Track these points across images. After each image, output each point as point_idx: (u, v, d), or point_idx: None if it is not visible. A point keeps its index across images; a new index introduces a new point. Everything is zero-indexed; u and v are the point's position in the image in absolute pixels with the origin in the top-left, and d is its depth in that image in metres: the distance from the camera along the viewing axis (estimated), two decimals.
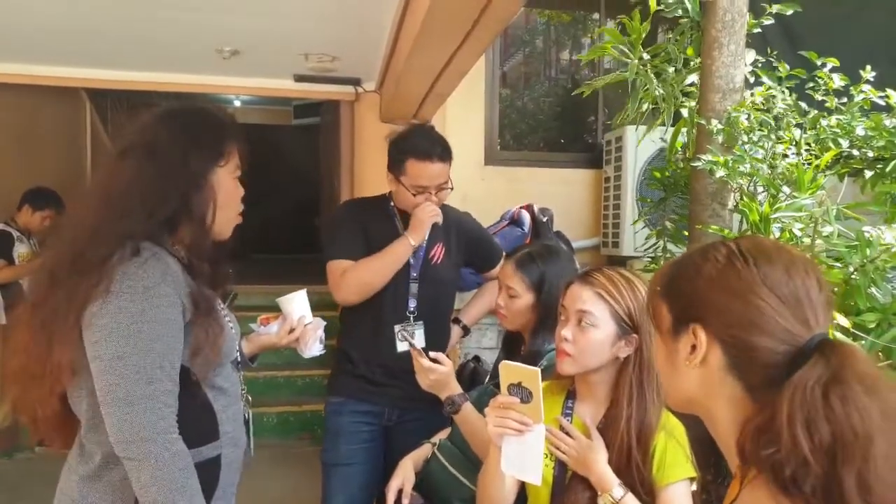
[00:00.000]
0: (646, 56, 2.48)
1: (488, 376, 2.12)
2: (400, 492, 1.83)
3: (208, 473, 1.42)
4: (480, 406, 1.76)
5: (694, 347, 0.87)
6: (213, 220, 1.44)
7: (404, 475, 1.86)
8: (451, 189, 2.33)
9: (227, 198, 1.49)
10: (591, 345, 1.48)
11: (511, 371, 1.33)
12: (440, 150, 2.25)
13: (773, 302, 0.82)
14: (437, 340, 2.36)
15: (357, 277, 2.24)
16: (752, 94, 2.38)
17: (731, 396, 0.85)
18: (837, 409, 0.73)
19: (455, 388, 1.77)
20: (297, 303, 1.82)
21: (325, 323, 1.86)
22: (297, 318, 1.80)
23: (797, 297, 0.83)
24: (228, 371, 1.54)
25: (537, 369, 1.30)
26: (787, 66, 2.42)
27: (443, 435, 1.96)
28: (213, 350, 1.41)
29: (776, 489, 0.75)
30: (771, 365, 0.82)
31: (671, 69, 2.51)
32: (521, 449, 1.35)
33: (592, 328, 1.48)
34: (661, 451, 1.45)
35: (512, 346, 2.07)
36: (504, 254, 2.41)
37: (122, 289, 1.31)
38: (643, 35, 2.41)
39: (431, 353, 1.77)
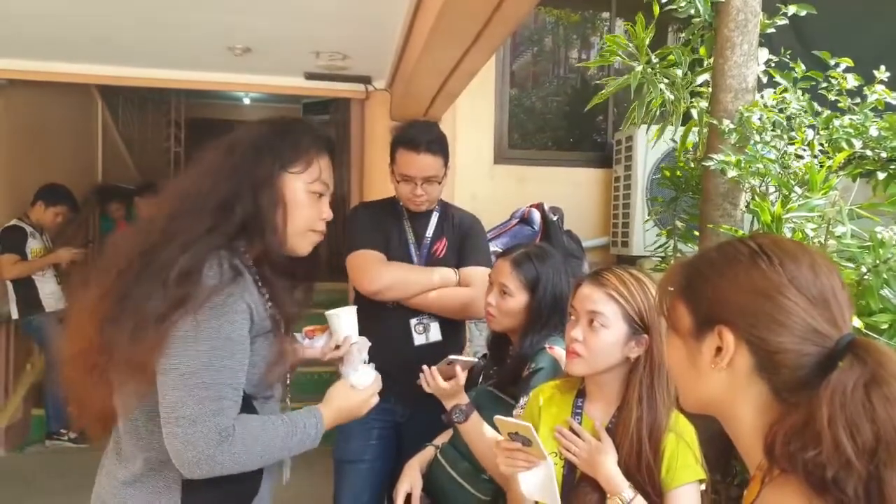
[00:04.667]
0: (654, 59, 2.48)
1: (481, 376, 2.11)
2: (409, 495, 1.83)
3: (250, 483, 1.40)
4: (476, 405, 1.77)
5: (719, 349, 0.85)
6: (285, 227, 1.39)
7: (411, 479, 1.87)
8: (440, 184, 2.34)
9: (296, 207, 1.42)
10: (602, 345, 1.48)
11: (506, 425, 1.46)
12: (428, 142, 2.28)
13: (802, 302, 0.81)
14: (451, 333, 2.39)
15: (399, 276, 2.28)
16: (762, 97, 2.37)
17: (756, 398, 0.84)
18: (880, 409, 0.73)
19: (463, 398, 1.75)
20: (345, 319, 1.73)
21: (369, 344, 1.75)
22: (344, 336, 1.71)
23: (825, 297, 0.82)
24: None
25: (529, 425, 1.42)
26: (803, 67, 2.41)
27: (445, 437, 1.95)
28: (274, 370, 1.38)
29: (809, 490, 0.75)
30: (799, 366, 0.81)
31: (679, 72, 2.50)
32: (535, 479, 1.45)
33: (603, 329, 1.48)
34: (671, 453, 1.45)
35: (499, 350, 2.06)
36: (492, 259, 2.41)
37: (202, 303, 1.26)
38: (648, 40, 2.41)
39: (451, 357, 1.74)
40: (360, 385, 1.55)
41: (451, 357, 1.74)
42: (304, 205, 1.43)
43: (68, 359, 1.37)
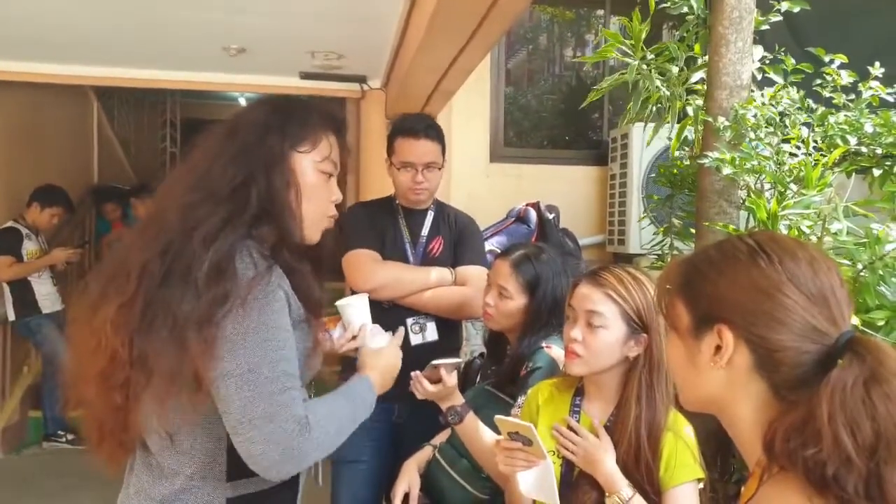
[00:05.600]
0: (649, 56, 2.47)
1: (479, 376, 2.11)
2: (407, 495, 1.83)
3: (291, 487, 1.34)
4: (474, 405, 1.77)
5: (719, 348, 0.85)
6: (300, 210, 1.32)
7: (409, 479, 1.87)
8: (439, 170, 2.36)
9: (310, 189, 1.34)
10: (600, 345, 1.48)
11: (507, 425, 1.47)
12: (427, 128, 2.32)
13: (801, 300, 0.81)
14: (448, 333, 2.39)
15: (394, 274, 2.28)
16: (762, 94, 2.37)
17: (755, 396, 0.84)
18: (880, 407, 0.73)
19: (458, 399, 1.74)
20: (358, 308, 1.68)
21: (384, 333, 1.71)
22: (359, 325, 1.65)
23: (824, 295, 0.82)
24: None
25: (530, 425, 1.42)
26: (794, 61, 2.41)
27: (443, 437, 1.95)
28: (311, 362, 1.33)
29: (809, 487, 0.75)
30: (799, 364, 0.81)
31: (674, 68, 2.50)
32: (534, 478, 1.46)
33: (602, 329, 1.47)
34: (670, 451, 1.45)
35: (496, 349, 2.06)
36: (488, 258, 2.41)
37: (245, 297, 1.18)
38: (643, 36, 2.40)
39: (434, 362, 1.72)
40: (383, 345, 1.57)
41: (435, 362, 1.72)
42: (314, 186, 1.36)
43: (89, 378, 1.26)
